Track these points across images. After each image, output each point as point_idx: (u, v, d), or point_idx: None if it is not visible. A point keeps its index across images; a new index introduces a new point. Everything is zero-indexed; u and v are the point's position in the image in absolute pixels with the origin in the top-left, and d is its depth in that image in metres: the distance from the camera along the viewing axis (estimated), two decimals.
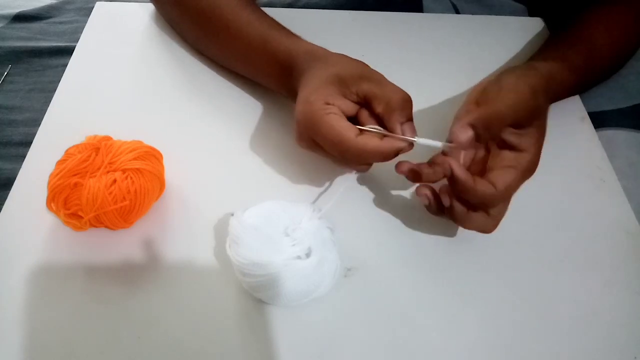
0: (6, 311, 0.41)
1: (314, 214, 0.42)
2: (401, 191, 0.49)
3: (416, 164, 0.41)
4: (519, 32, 0.67)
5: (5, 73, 0.64)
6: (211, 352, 0.40)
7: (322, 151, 0.44)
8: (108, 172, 0.43)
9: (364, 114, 0.44)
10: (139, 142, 0.46)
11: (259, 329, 0.41)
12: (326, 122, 0.41)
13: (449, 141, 0.40)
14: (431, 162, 0.41)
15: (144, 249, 0.44)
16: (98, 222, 0.43)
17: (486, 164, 0.42)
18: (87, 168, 0.43)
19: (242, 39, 0.52)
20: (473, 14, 0.71)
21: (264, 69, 0.52)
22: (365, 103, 0.44)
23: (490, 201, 0.41)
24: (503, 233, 0.43)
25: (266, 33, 0.51)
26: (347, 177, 0.50)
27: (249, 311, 0.42)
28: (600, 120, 0.58)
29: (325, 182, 0.50)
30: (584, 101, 0.59)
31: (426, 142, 0.41)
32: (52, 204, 0.43)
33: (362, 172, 0.50)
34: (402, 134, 0.41)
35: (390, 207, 0.49)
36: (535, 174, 0.42)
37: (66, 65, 0.59)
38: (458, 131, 0.38)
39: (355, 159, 0.43)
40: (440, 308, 0.43)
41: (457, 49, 0.64)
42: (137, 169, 0.43)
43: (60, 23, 0.73)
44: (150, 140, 0.47)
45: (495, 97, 0.40)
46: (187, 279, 0.43)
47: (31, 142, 0.51)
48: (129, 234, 0.45)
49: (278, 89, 0.52)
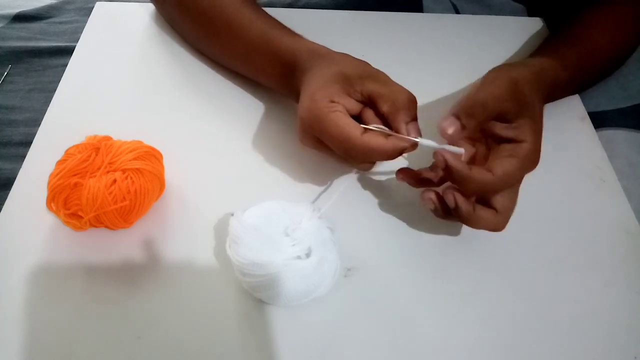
0: (6, 311, 0.41)
1: (314, 213, 0.42)
2: (401, 191, 0.49)
3: (417, 170, 0.41)
4: (519, 32, 0.67)
5: (5, 73, 0.64)
6: (211, 352, 0.40)
7: (326, 149, 0.44)
8: (108, 172, 0.43)
9: (368, 113, 0.44)
10: (139, 142, 0.46)
11: (259, 329, 0.41)
12: (331, 120, 0.41)
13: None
14: (432, 167, 0.41)
15: (144, 249, 0.44)
16: (98, 222, 0.43)
17: (487, 161, 0.42)
18: (87, 168, 0.43)
19: (243, 38, 0.52)
20: (473, 14, 0.71)
21: (265, 68, 0.52)
22: (369, 102, 0.44)
23: (490, 188, 0.40)
24: (503, 233, 0.43)
25: (268, 32, 0.51)
26: (347, 177, 0.50)
27: (249, 311, 0.42)
28: (600, 120, 0.58)
29: (325, 182, 0.50)
30: (584, 101, 0.59)
31: (430, 144, 0.41)
32: (52, 204, 0.43)
33: (364, 170, 0.50)
34: (407, 133, 0.41)
35: (390, 207, 0.49)
36: (535, 174, 0.42)
37: (66, 65, 0.59)
38: (444, 122, 0.40)
39: (360, 157, 0.43)
40: (440, 308, 0.43)
41: (457, 49, 0.64)
42: (137, 169, 0.43)
43: (60, 23, 0.73)
44: (150, 140, 0.47)
45: (476, 88, 0.41)
46: (187, 279, 0.43)
47: (31, 142, 0.51)
48: (129, 234, 0.45)
49: (279, 88, 0.52)
